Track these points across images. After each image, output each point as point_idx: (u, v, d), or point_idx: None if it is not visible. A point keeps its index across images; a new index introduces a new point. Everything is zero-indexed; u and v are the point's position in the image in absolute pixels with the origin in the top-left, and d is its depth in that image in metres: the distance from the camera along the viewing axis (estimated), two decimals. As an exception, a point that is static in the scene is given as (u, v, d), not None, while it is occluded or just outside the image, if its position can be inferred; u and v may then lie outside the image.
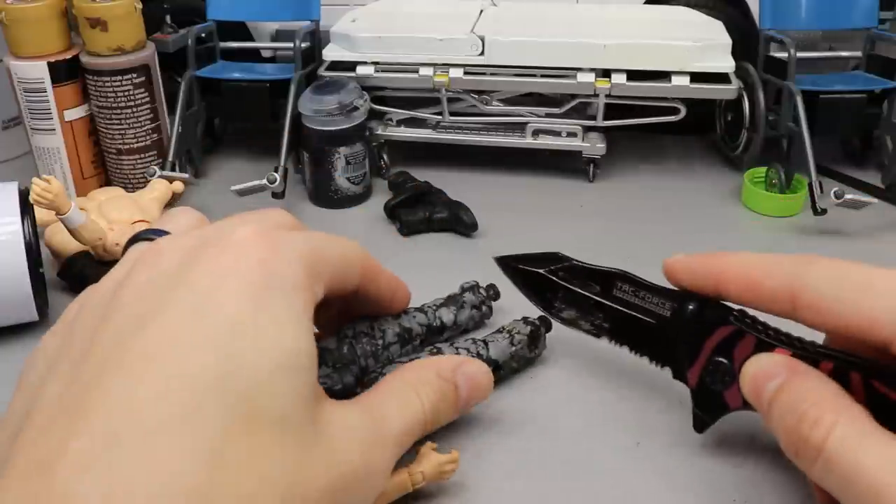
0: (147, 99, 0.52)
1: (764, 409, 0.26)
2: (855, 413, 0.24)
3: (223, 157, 0.61)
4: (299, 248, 0.24)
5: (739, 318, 0.28)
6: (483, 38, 0.52)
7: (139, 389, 0.20)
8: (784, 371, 0.26)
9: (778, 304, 0.27)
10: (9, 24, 0.49)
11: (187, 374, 0.20)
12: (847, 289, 0.25)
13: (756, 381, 0.26)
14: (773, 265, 0.27)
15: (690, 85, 0.51)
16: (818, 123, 0.51)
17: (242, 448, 0.20)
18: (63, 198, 0.39)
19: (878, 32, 0.55)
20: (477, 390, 0.29)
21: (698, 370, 0.29)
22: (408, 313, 0.34)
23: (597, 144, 0.54)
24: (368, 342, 0.32)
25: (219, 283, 0.22)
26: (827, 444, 0.23)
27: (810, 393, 0.24)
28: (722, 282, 0.28)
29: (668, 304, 0.30)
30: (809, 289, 0.25)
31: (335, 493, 0.22)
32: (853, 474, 0.22)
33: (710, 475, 0.30)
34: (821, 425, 0.23)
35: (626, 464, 0.31)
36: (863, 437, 0.23)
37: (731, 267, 0.28)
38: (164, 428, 0.19)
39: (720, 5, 0.59)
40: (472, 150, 0.56)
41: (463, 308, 0.37)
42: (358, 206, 0.53)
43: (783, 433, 0.25)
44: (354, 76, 0.54)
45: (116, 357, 0.20)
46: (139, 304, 0.22)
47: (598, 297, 0.32)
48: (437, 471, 0.29)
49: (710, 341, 0.29)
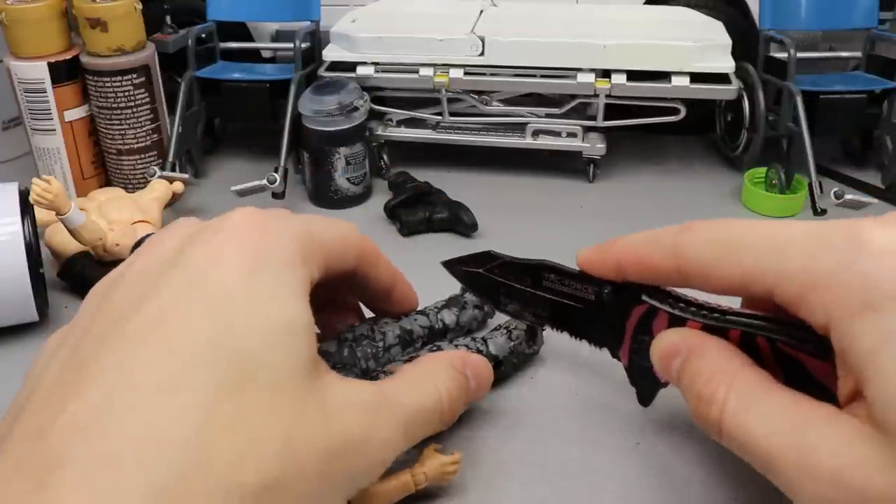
0: (147, 99, 0.52)
1: (678, 386, 0.26)
2: (747, 382, 0.24)
3: (223, 157, 0.61)
4: (294, 229, 0.25)
5: (652, 295, 0.29)
6: (483, 38, 0.52)
7: (133, 359, 0.20)
8: (684, 348, 0.26)
9: (669, 276, 0.27)
10: (9, 24, 0.49)
11: (180, 344, 0.20)
12: (720, 252, 0.25)
13: (662, 362, 0.27)
14: (656, 241, 0.27)
15: (690, 85, 0.51)
16: (818, 123, 0.51)
17: (234, 409, 0.20)
18: (63, 198, 0.39)
19: (878, 32, 0.55)
20: (482, 383, 0.30)
21: (627, 349, 0.30)
22: (408, 315, 0.34)
23: (597, 145, 0.54)
24: (369, 345, 0.32)
25: (213, 261, 0.22)
26: (722, 420, 0.24)
27: (705, 369, 0.25)
28: (620, 266, 0.29)
29: (591, 288, 0.31)
30: (690, 258, 0.26)
31: (332, 459, 0.22)
32: (748, 445, 0.23)
33: (710, 475, 0.30)
34: (715, 402, 0.24)
35: (626, 464, 0.31)
36: (752, 406, 0.23)
37: (624, 249, 0.28)
38: (156, 392, 0.19)
39: (720, 5, 0.59)
40: (472, 150, 0.56)
41: (465, 309, 0.37)
42: (358, 206, 0.53)
43: (690, 411, 0.25)
44: (354, 76, 0.54)
45: (114, 334, 0.21)
46: (137, 287, 0.23)
47: (531, 290, 0.33)
48: (440, 472, 0.29)
49: (630, 321, 0.29)
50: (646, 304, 0.29)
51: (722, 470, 0.31)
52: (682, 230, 0.26)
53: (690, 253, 0.26)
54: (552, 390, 0.35)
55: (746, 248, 0.24)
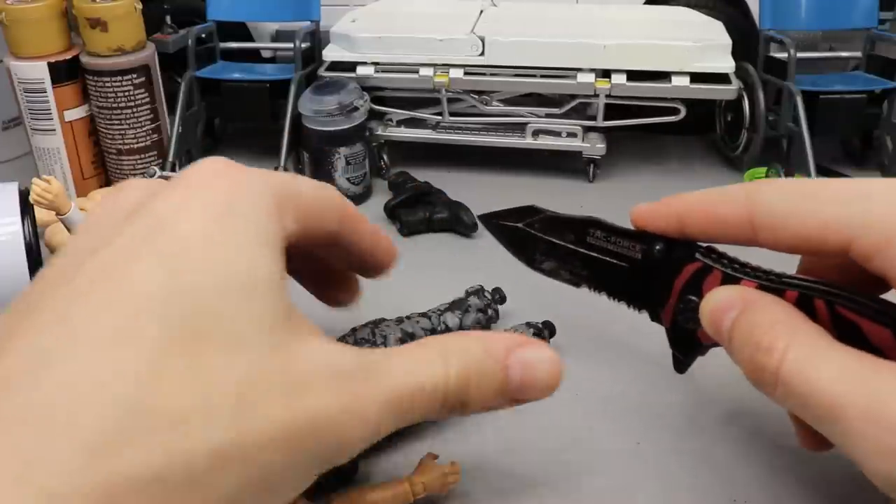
0: (147, 99, 0.52)
1: (725, 344, 0.26)
2: (809, 333, 0.23)
3: (223, 157, 0.60)
4: (269, 180, 0.23)
5: (706, 254, 0.28)
6: (483, 38, 0.52)
7: (77, 308, 0.19)
8: (739, 302, 0.25)
9: (738, 230, 0.26)
10: (9, 24, 0.49)
11: (129, 293, 0.19)
12: (798, 201, 0.25)
13: (714, 315, 0.26)
14: (726, 193, 0.27)
15: (690, 85, 0.51)
16: (818, 123, 0.51)
17: (181, 365, 0.18)
18: (63, 198, 0.39)
19: (878, 32, 0.55)
20: (534, 383, 0.24)
21: (671, 310, 0.29)
22: (410, 318, 0.34)
23: (597, 145, 0.54)
24: (370, 348, 0.32)
25: (177, 209, 0.21)
26: (782, 369, 0.23)
27: (764, 320, 0.24)
28: (684, 218, 0.28)
29: (639, 246, 0.30)
30: (764, 208, 0.25)
31: (296, 430, 0.20)
32: (809, 393, 0.22)
33: (710, 475, 0.30)
34: (775, 350, 0.23)
35: (626, 464, 0.31)
36: (816, 355, 0.23)
37: (690, 203, 0.28)
38: (97, 344, 0.18)
39: (720, 5, 0.59)
40: (472, 150, 0.56)
41: (468, 312, 0.37)
42: (358, 206, 0.53)
43: (743, 364, 0.25)
44: (354, 76, 0.54)
45: (62, 282, 0.19)
46: (92, 237, 0.21)
47: (573, 246, 0.32)
48: (440, 482, 0.28)
49: (679, 280, 0.29)
50: (698, 263, 0.28)
51: (722, 470, 0.31)
52: (758, 183, 0.26)
53: (765, 202, 0.25)
54: (552, 390, 0.35)
55: (826, 198, 0.24)
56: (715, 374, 0.35)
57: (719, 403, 0.34)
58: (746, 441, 0.32)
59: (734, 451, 0.31)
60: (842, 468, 0.30)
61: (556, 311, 0.37)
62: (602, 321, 0.38)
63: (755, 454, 0.31)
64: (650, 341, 0.38)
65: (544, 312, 0.37)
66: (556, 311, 0.37)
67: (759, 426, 0.32)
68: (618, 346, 0.38)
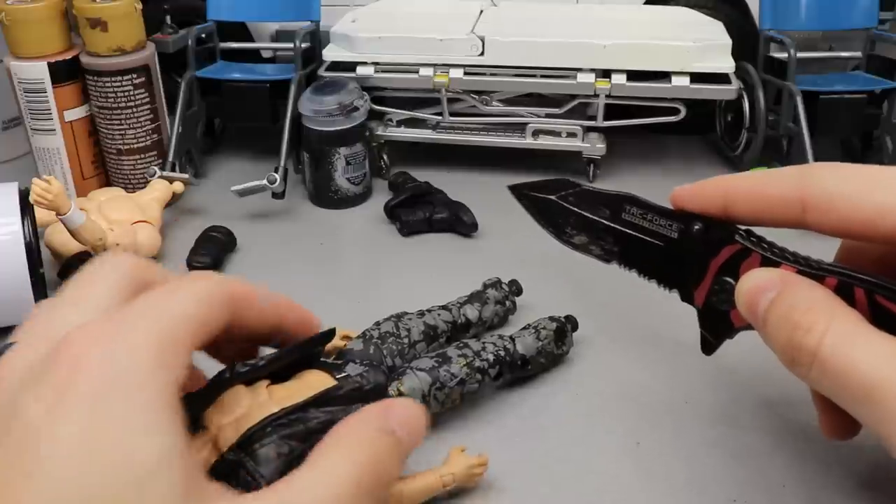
0: (147, 99, 0.52)
1: (759, 324, 0.26)
2: (848, 316, 0.23)
3: (223, 157, 0.61)
4: (143, 331, 0.20)
5: (745, 237, 0.28)
6: (483, 38, 0.52)
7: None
8: (778, 283, 0.25)
9: (788, 210, 0.26)
10: (9, 24, 0.49)
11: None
12: (853, 184, 0.24)
13: (750, 295, 0.26)
14: (780, 175, 0.27)
15: (690, 85, 0.51)
16: (818, 123, 0.51)
17: None
18: (63, 198, 0.39)
19: (878, 33, 0.55)
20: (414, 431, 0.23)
21: (705, 290, 0.29)
22: (431, 311, 0.35)
23: (597, 145, 0.54)
24: (395, 342, 0.32)
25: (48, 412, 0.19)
26: (821, 348, 0.23)
27: (803, 301, 0.24)
28: (730, 198, 0.28)
29: (676, 225, 0.30)
30: (817, 189, 0.25)
31: None
32: (846, 373, 0.22)
33: (710, 475, 0.30)
34: (814, 330, 0.23)
35: (626, 464, 0.31)
36: (855, 336, 0.23)
37: (738, 183, 0.28)
38: None
39: (720, 5, 0.59)
40: (472, 150, 0.56)
41: (487, 304, 0.37)
42: (358, 206, 0.53)
43: (778, 344, 0.25)
44: (354, 76, 0.54)
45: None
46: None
47: (607, 221, 0.32)
48: (468, 473, 0.29)
49: (716, 260, 0.29)
50: (737, 245, 0.28)
51: (722, 470, 0.31)
52: (810, 166, 0.26)
53: (820, 183, 0.25)
54: (552, 391, 0.35)
55: (881, 181, 0.24)
56: (715, 373, 0.35)
57: (719, 404, 0.34)
58: (746, 441, 0.32)
59: (734, 452, 0.31)
60: (842, 468, 0.30)
61: (555, 311, 0.37)
62: (602, 321, 0.38)
63: (755, 454, 0.31)
64: (652, 342, 0.38)
65: (550, 310, 0.37)
66: (555, 312, 0.37)
67: (758, 426, 0.32)
68: (618, 345, 0.38)
